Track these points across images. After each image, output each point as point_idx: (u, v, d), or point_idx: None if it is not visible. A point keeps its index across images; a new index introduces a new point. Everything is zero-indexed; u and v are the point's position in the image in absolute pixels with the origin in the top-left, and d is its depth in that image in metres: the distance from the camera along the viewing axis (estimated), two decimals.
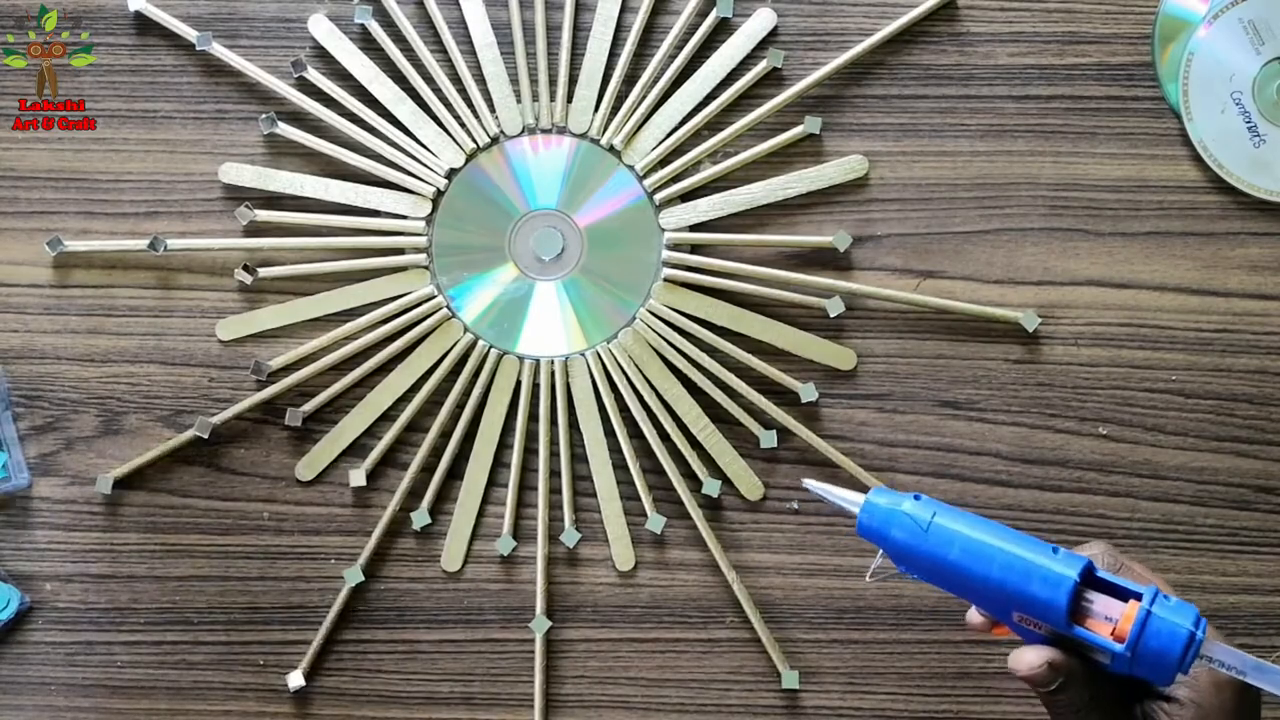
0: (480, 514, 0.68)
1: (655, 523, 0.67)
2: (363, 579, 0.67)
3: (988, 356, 0.67)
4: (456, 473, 0.68)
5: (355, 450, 0.68)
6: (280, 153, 0.68)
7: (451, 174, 0.68)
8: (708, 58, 0.67)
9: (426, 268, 0.67)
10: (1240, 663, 0.43)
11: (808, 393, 0.66)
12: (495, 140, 0.68)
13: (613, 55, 0.67)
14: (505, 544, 0.68)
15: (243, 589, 0.68)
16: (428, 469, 0.67)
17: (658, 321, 0.67)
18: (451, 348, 0.67)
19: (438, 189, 0.67)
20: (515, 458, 0.67)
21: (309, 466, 0.68)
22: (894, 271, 0.67)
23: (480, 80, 0.67)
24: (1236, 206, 0.67)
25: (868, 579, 0.50)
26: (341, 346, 0.67)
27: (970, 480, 0.67)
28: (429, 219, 0.67)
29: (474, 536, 0.68)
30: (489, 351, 0.67)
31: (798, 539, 0.68)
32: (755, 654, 0.68)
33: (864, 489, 0.48)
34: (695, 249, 0.68)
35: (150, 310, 0.68)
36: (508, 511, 0.67)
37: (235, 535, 0.68)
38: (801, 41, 0.67)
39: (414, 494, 0.68)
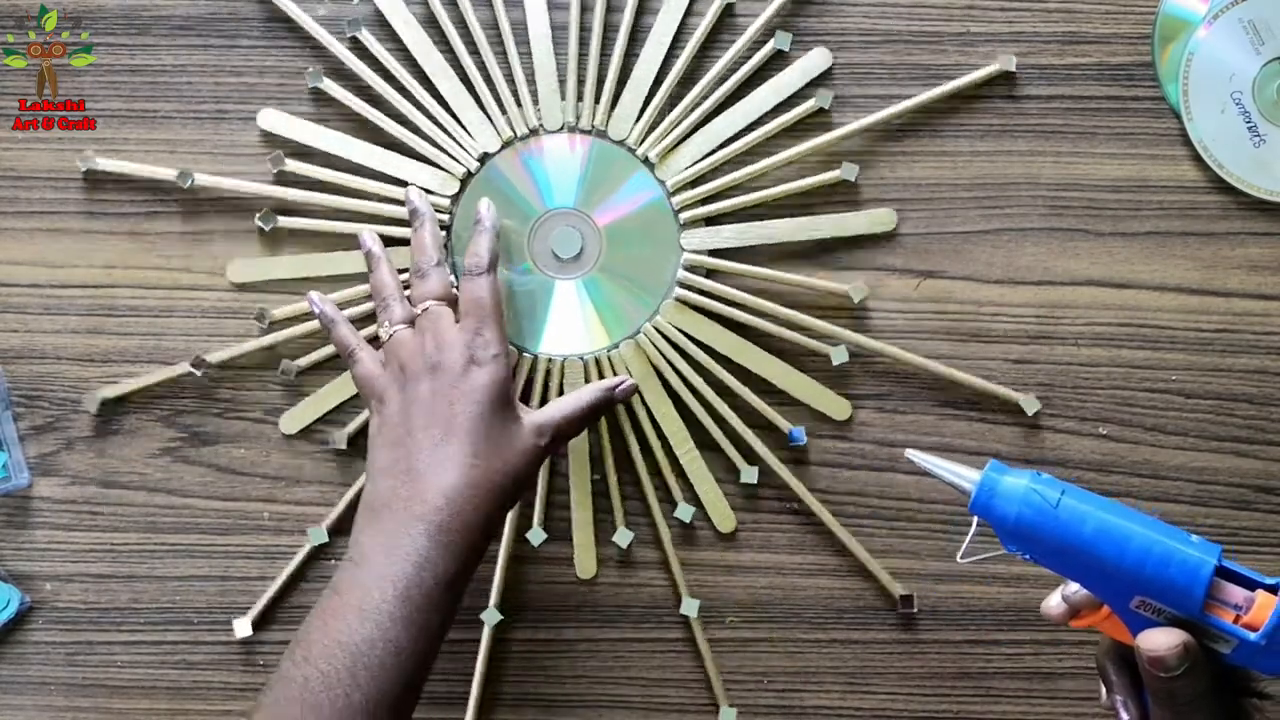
0: None
1: (622, 537, 0.67)
2: (326, 539, 0.67)
3: (988, 356, 0.67)
4: None
5: (341, 413, 0.68)
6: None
7: (484, 158, 0.67)
8: (758, 85, 0.66)
9: (446, 246, 0.67)
10: None
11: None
12: (534, 132, 0.67)
13: (664, 68, 0.66)
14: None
15: (243, 589, 0.68)
16: None
17: (660, 339, 0.67)
18: None
19: (468, 169, 0.67)
20: None
21: (294, 420, 0.67)
22: (894, 271, 0.67)
23: (530, 73, 0.66)
24: (1236, 206, 0.67)
25: (959, 560, 0.48)
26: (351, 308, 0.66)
27: None
28: (455, 198, 0.67)
29: None
30: None
31: (798, 539, 0.68)
32: (755, 654, 0.68)
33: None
34: (711, 274, 0.67)
35: (150, 310, 0.68)
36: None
37: (235, 535, 0.68)
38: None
39: None
